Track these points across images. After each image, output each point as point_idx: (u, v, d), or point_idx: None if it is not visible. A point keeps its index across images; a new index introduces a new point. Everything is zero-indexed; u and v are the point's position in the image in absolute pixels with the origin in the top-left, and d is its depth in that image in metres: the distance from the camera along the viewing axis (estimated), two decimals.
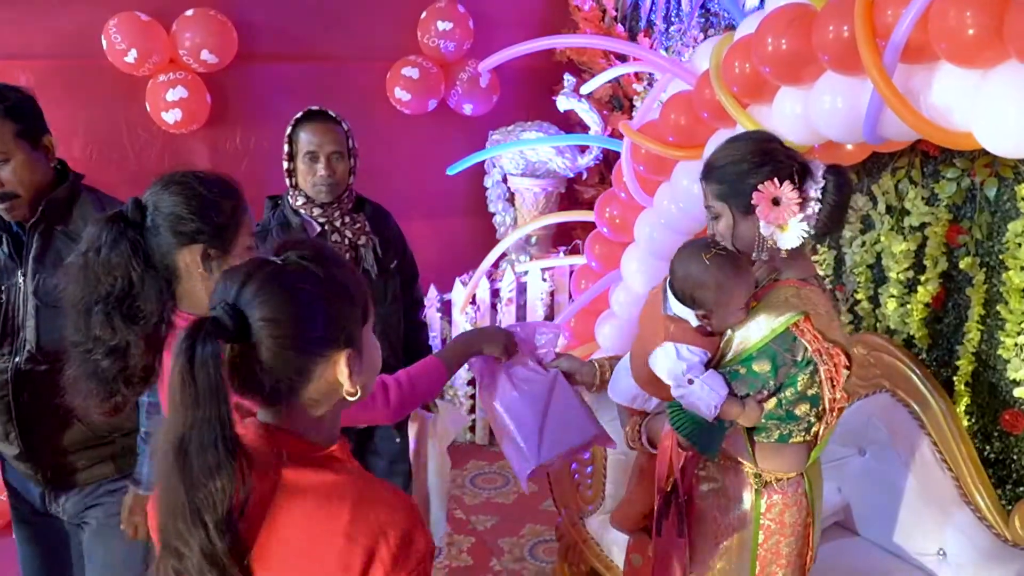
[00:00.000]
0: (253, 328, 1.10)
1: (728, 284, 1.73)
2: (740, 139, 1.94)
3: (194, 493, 1.04)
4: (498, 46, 4.11)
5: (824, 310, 1.77)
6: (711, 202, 1.85)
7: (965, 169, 2.64)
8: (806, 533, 1.90)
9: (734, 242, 1.83)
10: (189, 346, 1.03)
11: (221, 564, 1.05)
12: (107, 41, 3.49)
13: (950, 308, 2.75)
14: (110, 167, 3.76)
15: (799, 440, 1.82)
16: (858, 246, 3.02)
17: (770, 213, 1.74)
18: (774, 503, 1.84)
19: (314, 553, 1.10)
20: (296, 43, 3.99)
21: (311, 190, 2.50)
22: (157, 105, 3.63)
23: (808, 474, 1.88)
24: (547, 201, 4.42)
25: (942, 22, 1.97)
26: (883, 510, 2.58)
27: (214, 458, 1.04)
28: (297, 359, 1.13)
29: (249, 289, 1.11)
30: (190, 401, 1.04)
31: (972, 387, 2.66)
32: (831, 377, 1.75)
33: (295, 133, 2.52)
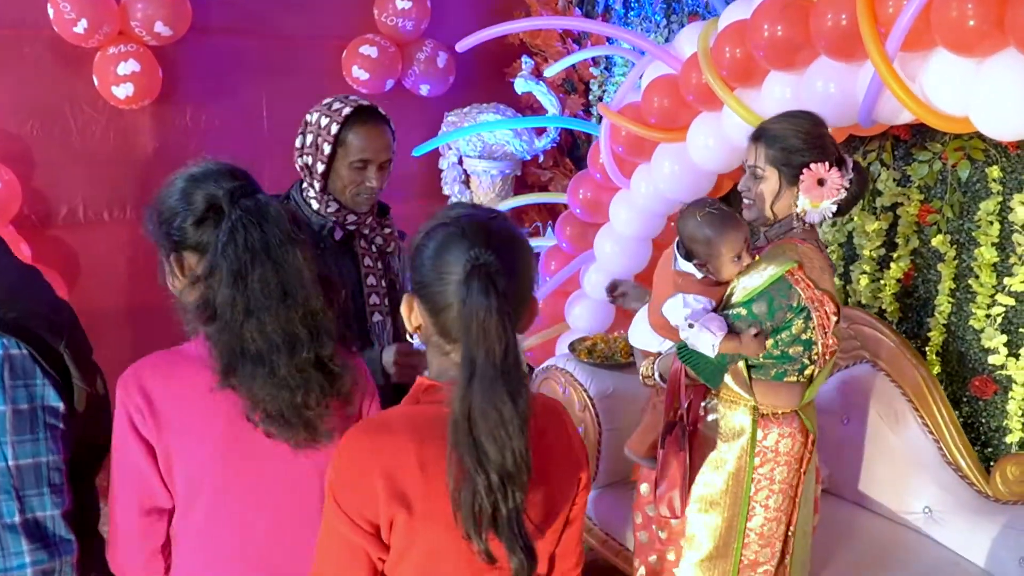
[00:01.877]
0: (513, 270, 1.21)
1: (716, 238, 1.97)
2: (801, 117, 2.11)
3: (514, 408, 1.14)
4: (453, 26, 4.07)
5: (819, 264, 2.00)
6: (762, 164, 2.05)
7: (936, 152, 2.80)
8: (799, 466, 2.11)
9: (772, 204, 2.06)
10: (488, 285, 1.14)
11: (518, 479, 1.15)
12: (54, 10, 3.26)
13: (920, 283, 2.91)
14: (51, 144, 3.52)
15: (793, 379, 2.05)
16: (828, 225, 3.16)
17: (813, 190, 1.99)
18: (770, 432, 2.06)
19: (572, 458, 1.33)
20: (252, 18, 3.82)
21: (351, 199, 2.11)
22: (107, 79, 3.42)
23: (803, 412, 2.09)
24: (503, 184, 4.41)
25: (944, 13, 2.09)
26: (868, 474, 2.73)
27: (518, 377, 1.15)
28: (525, 300, 1.27)
29: (496, 239, 1.20)
30: (498, 330, 1.13)
31: (942, 356, 2.83)
32: (822, 324, 1.99)
33: (344, 133, 2.06)
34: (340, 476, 1.23)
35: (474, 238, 1.19)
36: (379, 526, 1.20)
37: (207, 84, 3.80)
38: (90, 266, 3.71)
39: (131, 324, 3.81)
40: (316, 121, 2.08)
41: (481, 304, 1.14)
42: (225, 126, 3.89)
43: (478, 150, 4.31)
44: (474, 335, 1.14)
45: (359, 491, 1.20)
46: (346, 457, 1.24)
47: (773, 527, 2.11)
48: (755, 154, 2.05)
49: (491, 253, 1.16)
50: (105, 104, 3.54)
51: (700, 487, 2.11)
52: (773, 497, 2.09)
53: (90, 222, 3.68)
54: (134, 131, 3.70)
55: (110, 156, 3.65)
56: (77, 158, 3.59)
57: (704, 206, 2.01)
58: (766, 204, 2.05)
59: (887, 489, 2.67)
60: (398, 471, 1.19)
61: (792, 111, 2.16)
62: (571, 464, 1.33)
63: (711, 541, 2.12)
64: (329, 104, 2.10)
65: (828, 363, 2.09)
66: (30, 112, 3.45)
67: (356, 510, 1.20)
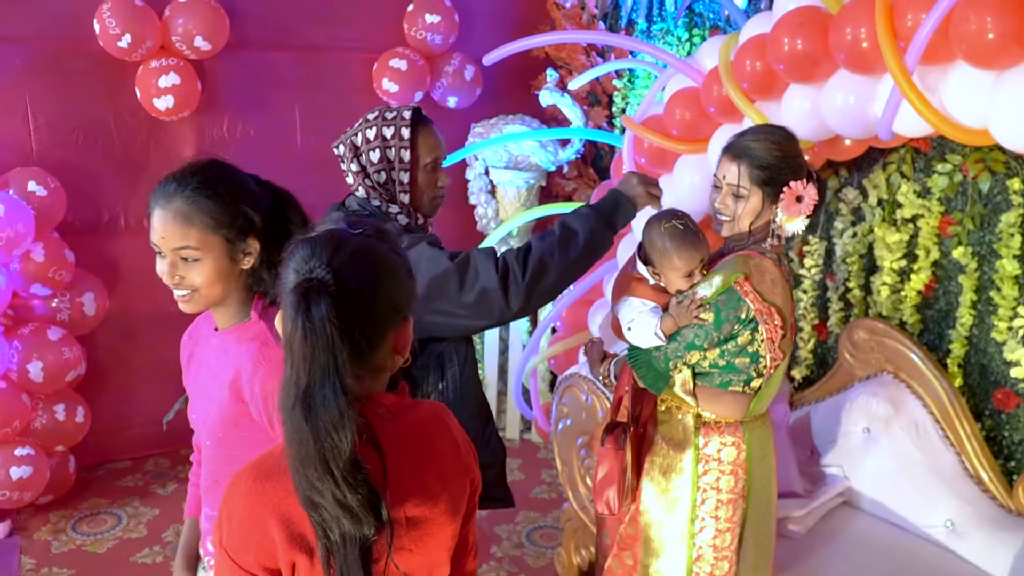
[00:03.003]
0: (350, 289, 1.12)
1: (673, 252, 1.99)
2: (779, 133, 2.12)
3: (321, 443, 1.08)
4: (481, 40, 4.16)
5: (770, 277, 2.02)
6: (746, 184, 2.04)
7: (957, 164, 2.83)
8: (746, 476, 2.11)
9: (753, 222, 2.06)
10: (307, 305, 1.08)
11: (353, 511, 1.09)
12: (100, 25, 3.40)
13: (941, 295, 2.93)
14: (95, 153, 3.67)
15: (737, 390, 2.06)
16: (849, 237, 3.19)
17: (791, 207, 2.02)
18: (711, 439, 2.08)
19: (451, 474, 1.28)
20: (287, 32, 3.95)
21: (429, 203, 2.08)
22: (148, 91, 3.55)
23: (748, 425, 2.10)
24: (529, 194, 4.48)
25: (963, 26, 2.13)
26: (888, 487, 2.73)
27: (336, 408, 1.08)
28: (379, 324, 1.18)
29: (342, 255, 1.14)
30: (311, 355, 1.08)
31: (964, 368, 2.85)
32: (771, 336, 2.00)
33: (417, 137, 2.00)
34: (231, 528, 1.16)
35: (319, 253, 1.13)
36: (279, 571, 1.15)
37: (243, 96, 3.93)
38: (130, 272, 3.84)
39: (169, 328, 3.92)
40: (378, 135, 1.98)
41: (296, 322, 1.09)
42: (260, 136, 4.02)
43: (504, 161, 4.39)
44: (292, 355, 1.10)
45: (254, 541, 1.14)
46: (236, 507, 1.16)
47: (727, 539, 2.11)
48: (737, 174, 2.04)
49: (329, 270, 1.11)
50: (147, 115, 3.68)
51: (650, 492, 2.14)
52: (722, 508, 2.09)
53: (131, 229, 3.81)
54: (174, 141, 3.83)
55: (151, 165, 3.79)
56: (120, 167, 3.74)
57: (672, 217, 2.02)
58: (747, 222, 2.06)
59: (908, 502, 2.67)
60: (293, 514, 1.13)
61: (766, 127, 2.17)
62: (461, 468, 1.32)
63: (662, 546, 2.14)
64: (380, 116, 2.02)
65: (776, 375, 2.10)
66: (76, 123, 3.60)
67: (254, 561, 1.15)
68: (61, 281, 3.37)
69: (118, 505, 3.70)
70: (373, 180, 2.01)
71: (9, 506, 3.36)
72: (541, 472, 4.11)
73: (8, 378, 3.26)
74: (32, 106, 3.48)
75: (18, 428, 3.27)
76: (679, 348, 2.02)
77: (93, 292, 3.56)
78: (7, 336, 3.26)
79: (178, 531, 3.51)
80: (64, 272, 3.37)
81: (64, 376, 3.39)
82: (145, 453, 4.09)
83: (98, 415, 3.78)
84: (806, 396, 3.20)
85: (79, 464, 3.76)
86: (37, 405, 3.40)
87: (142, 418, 3.98)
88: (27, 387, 3.32)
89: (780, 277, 2.05)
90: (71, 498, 3.68)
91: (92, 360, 3.72)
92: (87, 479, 3.86)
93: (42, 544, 3.39)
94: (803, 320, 3.40)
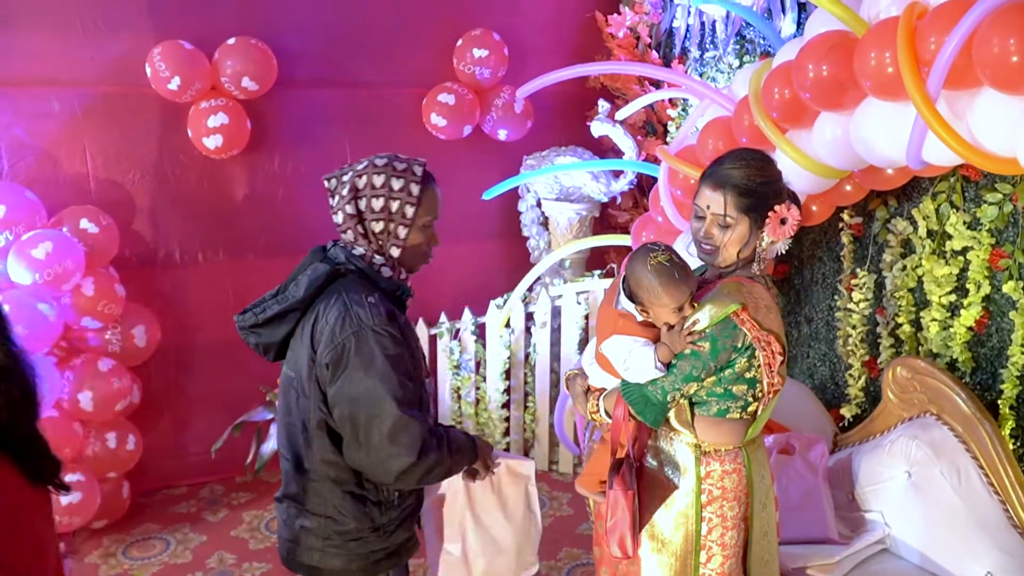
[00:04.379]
0: None
1: (662, 289, 1.94)
2: (757, 158, 2.08)
3: None
4: (532, 73, 4.14)
5: (764, 303, 1.98)
6: (732, 213, 2.01)
7: (1007, 194, 2.65)
8: (748, 501, 2.08)
9: (741, 249, 2.03)
10: None
11: None
12: (151, 69, 3.57)
13: (993, 331, 2.74)
14: (149, 191, 3.83)
15: (736, 416, 2.02)
16: (899, 270, 3.02)
17: (776, 229, 1.99)
18: (713, 470, 2.03)
19: None
20: (334, 69, 4.05)
21: (416, 260, 2.06)
22: (198, 131, 3.70)
23: (746, 449, 2.06)
24: (581, 225, 4.44)
25: (985, 49, 1.99)
26: (928, 533, 2.56)
27: None
28: None
29: None
30: None
31: (1016, 410, 2.64)
32: (768, 363, 1.97)
33: (423, 196, 1.98)
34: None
35: None
36: None
37: (293, 133, 4.04)
38: (183, 305, 3.98)
39: (221, 359, 4.06)
40: (386, 184, 1.94)
41: None
42: (311, 173, 4.11)
43: (556, 193, 4.36)
44: None
45: None
46: None
47: (734, 564, 2.08)
48: (723, 203, 1.99)
49: None
50: (198, 154, 3.82)
51: (651, 525, 2.09)
52: (728, 534, 2.06)
53: (185, 264, 3.95)
54: (225, 179, 3.97)
55: (203, 202, 3.93)
56: (172, 204, 3.89)
57: (657, 253, 1.97)
58: (735, 250, 2.02)
59: (947, 551, 2.50)
60: None
61: (742, 152, 2.11)
62: None
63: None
64: (390, 165, 1.97)
65: (773, 400, 2.05)
66: (130, 162, 3.77)
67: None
68: (111, 314, 3.51)
69: (169, 530, 3.81)
70: (368, 227, 1.97)
71: (61, 530, 3.49)
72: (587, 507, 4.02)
73: (60, 407, 3.41)
74: (90, 147, 3.66)
75: (69, 455, 3.41)
76: (676, 380, 1.96)
77: (144, 324, 3.69)
78: (60, 367, 3.42)
79: (222, 558, 3.61)
80: (114, 305, 3.51)
81: (114, 405, 3.52)
82: (200, 480, 4.21)
83: (154, 442, 3.91)
84: (850, 437, 3.04)
85: (135, 490, 3.89)
86: (89, 433, 3.54)
87: (196, 446, 4.10)
88: (78, 416, 3.46)
89: (771, 301, 2.01)
90: (125, 523, 3.81)
91: (147, 390, 3.86)
92: (143, 504, 3.99)
93: (90, 568, 3.51)
94: (852, 356, 3.23)
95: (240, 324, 2.04)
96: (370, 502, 1.99)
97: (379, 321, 1.88)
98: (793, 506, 2.70)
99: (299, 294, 1.94)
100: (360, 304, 1.89)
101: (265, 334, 2.01)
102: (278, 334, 2.00)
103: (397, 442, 1.84)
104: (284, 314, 1.97)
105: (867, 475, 2.77)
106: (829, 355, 3.44)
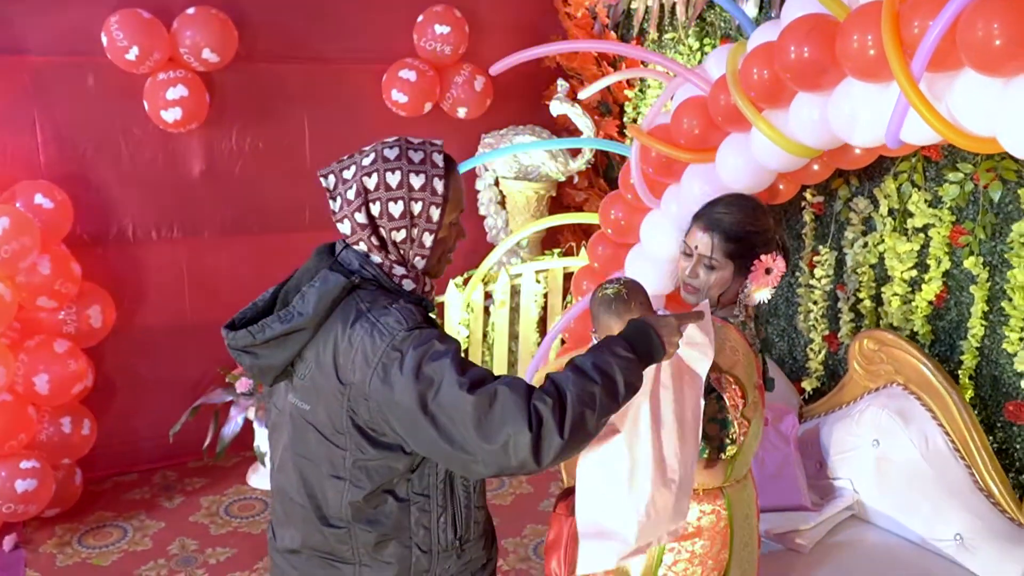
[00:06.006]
0: None
1: (598, 317, 2.00)
2: (750, 206, 2.15)
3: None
4: (491, 50, 4.13)
5: (730, 344, 2.00)
6: (719, 257, 2.07)
7: (968, 173, 2.78)
8: (724, 540, 2.08)
9: (722, 293, 2.09)
10: None
11: None
12: (108, 38, 3.42)
13: (952, 305, 2.88)
14: (103, 166, 3.68)
15: (712, 457, 2.03)
16: (860, 247, 3.14)
17: (760, 278, 2.04)
18: (690, 509, 2.01)
19: None
20: (295, 44, 3.96)
21: (443, 265, 1.73)
22: (156, 103, 3.57)
23: (728, 491, 2.08)
24: (539, 204, 4.47)
25: (969, 33, 2.09)
26: (898, 498, 2.69)
27: None
28: None
29: None
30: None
31: (975, 380, 2.80)
32: (734, 404, 1.97)
33: (450, 188, 1.64)
34: None
35: None
36: None
37: (252, 108, 3.94)
38: (138, 284, 3.85)
39: (175, 340, 3.94)
40: (403, 182, 1.59)
41: None
42: (269, 148, 4.03)
43: (514, 171, 4.37)
44: None
45: None
46: None
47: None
48: (710, 246, 2.06)
49: None
50: (155, 128, 3.70)
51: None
52: (691, 569, 2.07)
53: (140, 241, 3.82)
54: (181, 153, 3.85)
55: (159, 178, 3.80)
56: (128, 179, 3.75)
57: (608, 286, 2.02)
58: (716, 292, 2.08)
59: (917, 515, 2.63)
60: None
61: (739, 198, 2.18)
62: None
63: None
64: (404, 156, 1.61)
65: (748, 442, 2.07)
66: (84, 135, 3.62)
67: None
68: (67, 294, 3.38)
69: (124, 518, 3.70)
70: (387, 237, 1.61)
71: (15, 519, 3.36)
72: (549, 485, 4.08)
73: (14, 390, 3.27)
74: (40, 119, 3.50)
75: (24, 441, 3.27)
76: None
77: (100, 304, 3.56)
78: (13, 349, 3.27)
79: (183, 544, 3.52)
80: (70, 285, 3.37)
81: (70, 389, 3.39)
82: (153, 466, 4.09)
83: (105, 428, 3.78)
84: (815, 408, 3.16)
85: (87, 477, 3.76)
86: (43, 418, 3.40)
87: (150, 431, 3.98)
88: (33, 399, 3.32)
89: (742, 344, 2.03)
90: (77, 511, 3.68)
91: (101, 372, 3.73)
92: (94, 492, 3.86)
93: (47, 557, 3.38)
94: (814, 331, 3.36)
95: (231, 343, 1.64)
96: (418, 549, 1.66)
97: (412, 322, 1.54)
98: (768, 475, 2.80)
99: (308, 311, 1.56)
100: (386, 312, 1.55)
101: (264, 356, 1.61)
102: (280, 357, 1.61)
103: (492, 427, 1.43)
104: (288, 333, 1.58)
105: (835, 444, 2.89)
106: (788, 330, 3.56)
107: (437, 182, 1.61)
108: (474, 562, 1.75)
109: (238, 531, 3.63)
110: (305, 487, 1.66)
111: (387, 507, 1.63)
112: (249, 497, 3.91)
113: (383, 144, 1.62)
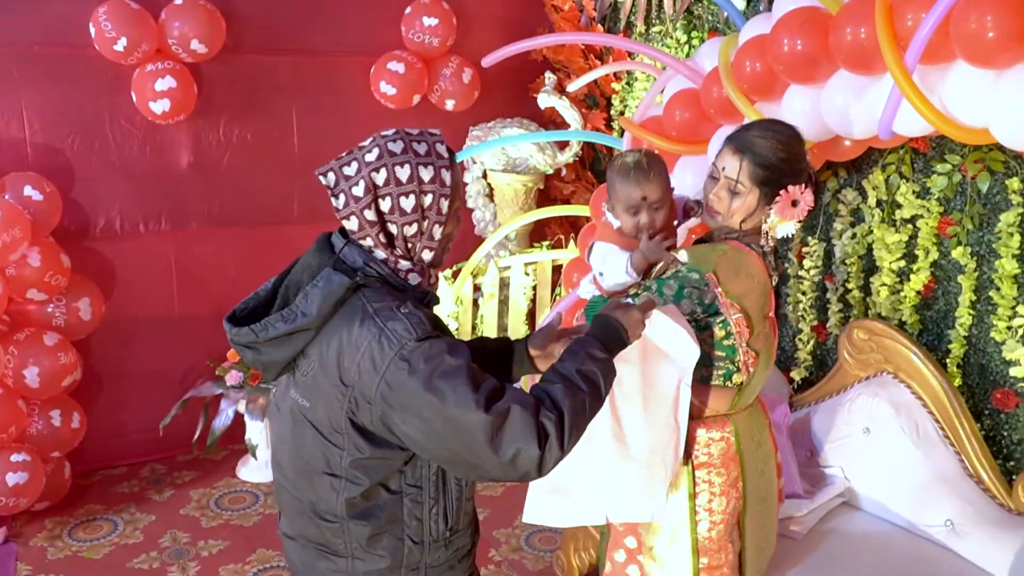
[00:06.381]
0: None
1: (615, 184, 2.05)
2: (787, 133, 2.10)
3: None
4: (478, 43, 4.15)
5: (745, 272, 1.99)
6: (745, 181, 2.01)
7: (956, 164, 2.83)
8: (738, 468, 2.10)
9: (745, 220, 2.04)
10: None
11: None
12: (96, 28, 3.39)
13: (940, 295, 2.93)
14: (90, 157, 3.65)
15: (718, 383, 2.05)
16: (848, 238, 3.18)
17: (785, 210, 2.00)
18: (698, 435, 2.06)
19: None
20: (283, 36, 3.93)
21: (445, 255, 1.71)
22: (144, 95, 3.54)
23: (734, 419, 2.09)
24: (526, 197, 4.48)
25: (963, 25, 2.13)
26: (889, 486, 2.73)
27: None
28: None
29: None
30: None
31: (963, 368, 2.85)
32: (740, 331, 1.99)
33: (454, 178, 1.64)
34: None
35: None
36: None
37: (240, 99, 3.92)
38: (126, 276, 3.82)
39: (163, 333, 3.92)
40: (413, 176, 1.57)
41: None
42: (257, 140, 4.01)
43: (502, 164, 4.38)
44: None
45: None
46: None
47: (722, 531, 2.10)
48: (737, 168, 1.99)
49: None
50: (143, 119, 3.67)
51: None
52: (715, 500, 2.08)
53: (127, 234, 3.79)
54: (168, 145, 3.82)
55: (147, 169, 3.77)
56: (115, 171, 3.72)
57: (627, 154, 2.04)
58: (739, 219, 2.03)
59: (908, 502, 2.67)
60: None
61: (775, 123, 2.12)
62: None
63: (664, 527, 2.10)
64: (409, 149, 1.59)
65: (758, 371, 2.07)
66: (71, 127, 3.58)
67: None
68: (57, 286, 3.35)
69: (114, 511, 3.67)
70: (399, 231, 1.59)
71: (5, 512, 3.33)
72: None
73: (4, 384, 3.24)
74: (27, 111, 3.46)
75: (14, 434, 3.24)
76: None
77: (89, 297, 3.53)
78: (3, 342, 3.24)
79: (175, 537, 3.51)
80: (60, 277, 3.35)
81: (60, 382, 3.36)
82: (142, 459, 4.07)
83: (94, 421, 3.76)
84: (806, 397, 3.20)
85: (75, 470, 3.73)
86: (33, 411, 3.37)
87: (139, 424, 3.96)
88: (23, 393, 3.30)
89: (762, 273, 2.02)
90: (67, 504, 3.66)
91: (88, 366, 3.70)
92: (83, 485, 3.83)
93: (38, 550, 3.36)
94: (802, 322, 3.40)
95: (234, 339, 1.64)
96: (410, 541, 1.68)
97: (422, 331, 1.52)
98: None
99: (311, 312, 1.55)
100: (394, 317, 1.53)
101: (266, 352, 1.62)
102: (282, 354, 1.61)
103: (503, 443, 1.46)
104: (291, 333, 1.58)
105: (827, 432, 2.93)
106: (776, 321, 3.60)
107: (445, 173, 1.60)
108: (460, 550, 1.79)
109: (229, 523, 3.62)
110: (300, 482, 1.68)
111: (380, 500, 1.64)
112: (239, 490, 3.90)
113: (383, 138, 1.60)
